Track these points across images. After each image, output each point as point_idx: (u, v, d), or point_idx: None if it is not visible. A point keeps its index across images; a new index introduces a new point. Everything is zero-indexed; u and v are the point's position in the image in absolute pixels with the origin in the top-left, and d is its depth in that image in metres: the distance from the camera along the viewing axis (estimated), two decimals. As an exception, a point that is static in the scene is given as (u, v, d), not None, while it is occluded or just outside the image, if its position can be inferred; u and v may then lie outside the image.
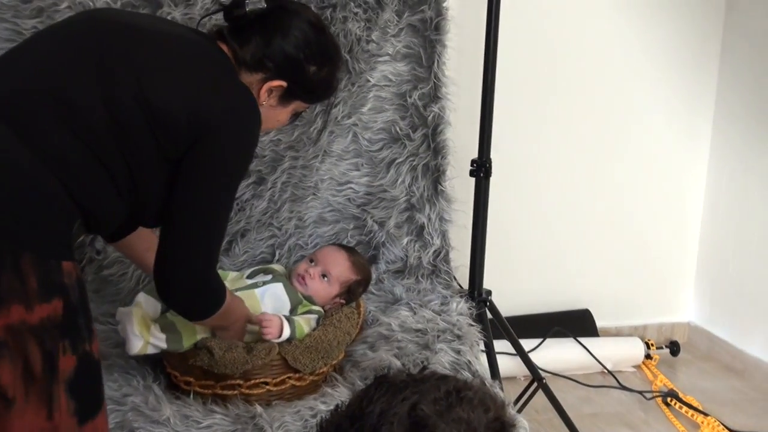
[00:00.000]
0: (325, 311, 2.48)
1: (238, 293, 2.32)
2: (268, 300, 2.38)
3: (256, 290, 2.38)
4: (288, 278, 2.51)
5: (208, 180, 1.93)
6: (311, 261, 2.56)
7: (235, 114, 1.93)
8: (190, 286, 2.01)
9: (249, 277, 2.52)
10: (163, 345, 2.24)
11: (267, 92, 2.05)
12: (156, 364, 2.42)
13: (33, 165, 1.74)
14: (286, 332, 2.28)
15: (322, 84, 2.14)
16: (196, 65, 1.95)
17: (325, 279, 2.51)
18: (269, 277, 2.46)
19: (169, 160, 1.90)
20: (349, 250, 2.66)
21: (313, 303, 2.46)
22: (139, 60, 1.87)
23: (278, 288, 2.41)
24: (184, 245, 1.96)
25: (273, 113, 2.11)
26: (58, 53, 1.87)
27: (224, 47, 2.02)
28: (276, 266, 2.61)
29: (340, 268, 2.55)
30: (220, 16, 2.14)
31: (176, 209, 1.94)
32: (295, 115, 2.21)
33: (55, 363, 1.72)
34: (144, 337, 2.23)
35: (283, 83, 2.05)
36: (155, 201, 1.94)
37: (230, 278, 2.47)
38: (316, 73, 2.09)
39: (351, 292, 2.57)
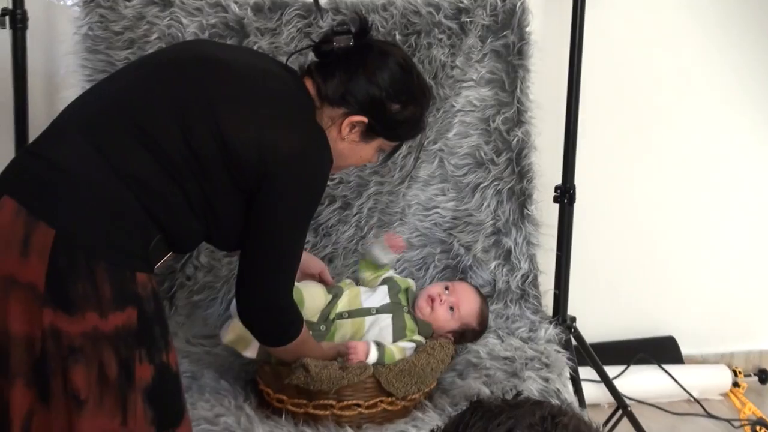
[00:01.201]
0: (427, 341, 2.46)
1: (350, 320, 2.38)
2: (374, 330, 2.41)
3: (366, 318, 2.41)
4: (407, 300, 2.52)
5: (276, 219, 1.98)
6: (446, 288, 2.57)
7: (305, 155, 1.96)
8: (264, 311, 2.10)
9: (382, 283, 2.55)
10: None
11: (349, 127, 2.07)
12: (247, 384, 2.45)
13: (110, 181, 1.81)
14: (373, 357, 2.30)
15: (405, 123, 2.14)
16: (274, 102, 1.99)
17: (452, 311, 2.52)
18: (386, 301, 2.46)
19: (243, 190, 1.95)
20: (483, 297, 2.66)
21: (419, 333, 2.46)
22: (217, 94, 1.92)
23: (386, 321, 2.42)
24: (255, 277, 2.04)
25: (355, 149, 2.13)
26: (143, 83, 1.94)
27: (309, 83, 2.07)
28: (406, 281, 2.62)
29: (470, 308, 2.56)
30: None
31: (249, 243, 2.02)
32: (387, 155, 2.25)
33: (131, 371, 1.78)
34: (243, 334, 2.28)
35: (364, 119, 2.06)
36: (230, 227, 2.00)
37: (347, 295, 2.50)
38: (399, 111, 2.09)
39: (462, 337, 2.57)
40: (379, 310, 2.43)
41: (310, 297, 2.40)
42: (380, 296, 2.44)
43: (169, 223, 1.88)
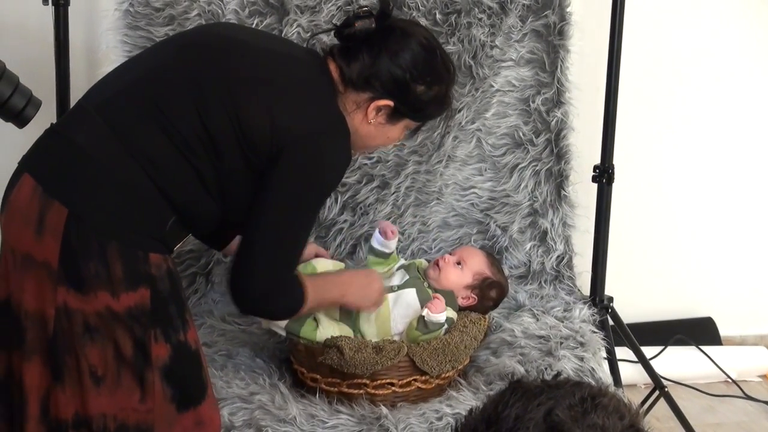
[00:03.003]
0: (460, 309, 2.46)
1: None
2: (399, 308, 2.38)
3: (389, 296, 2.40)
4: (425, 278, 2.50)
5: (281, 199, 1.96)
6: (450, 254, 2.56)
7: (314, 139, 1.96)
8: (256, 295, 2.04)
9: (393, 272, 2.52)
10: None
11: (375, 111, 2.06)
12: (282, 363, 2.47)
13: (125, 161, 1.84)
14: (443, 317, 2.32)
15: (431, 103, 2.12)
16: (293, 86, 1.99)
17: (459, 266, 2.50)
18: (405, 278, 2.44)
19: (256, 172, 1.95)
20: (489, 253, 2.65)
21: (447, 305, 2.43)
22: (236, 76, 1.94)
23: (410, 294, 2.39)
24: (250, 257, 1.99)
25: (382, 131, 2.12)
26: (162, 65, 1.97)
27: (332, 66, 2.05)
28: (419, 261, 2.61)
29: (477, 259, 2.53)
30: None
31: (248, 223, 1.98)
32: (412, 132, 2.25)
33: (147, 349, 1.81)
34: None
35: (390, 102, 2.05)
36: (243, 209, 1.99)
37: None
38: (425, 92, 2.08)
39: (483, 292, 2.53)
40: (401, 287, 2.41)
41: (323, 269, 2.41)
42: (399, 277, 2.42)
43: (184, 204, 1.89)
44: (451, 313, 2.41)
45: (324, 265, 2.43)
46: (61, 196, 1.78)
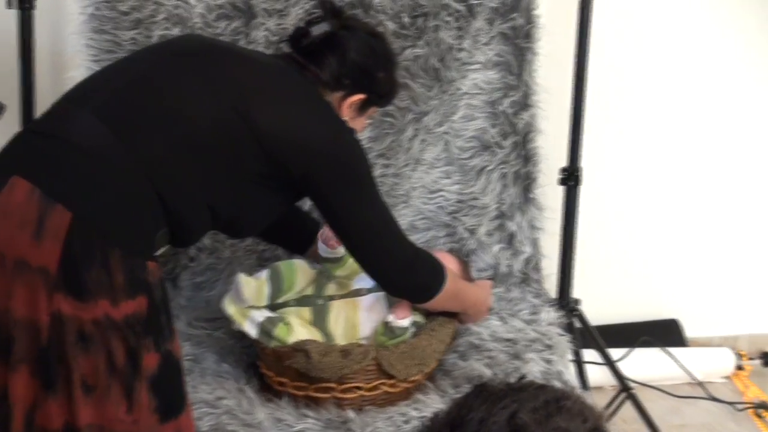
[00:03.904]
0: (428, 315, 2.47)
1: (342, 300, 2.37)
2: (368, 312, 2.40)
3: (358, 300, 2.40)
4: None
5: (353, 209, 2.13)
6: None
7: (337, 141, 2.08)
8: (403, 275, 2.24)
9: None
10: (260, 319, 2.30)
11: (348, 107, 2.16)
12: (249, 367, 2.46)
13: (128, 166, 1.81)
14: (407, 322, 2.35)
15: (391, 87, 2.29)
16: (297, 94, 2.06)
17: None
18: (373, 283, 2.44)
19: (265, 176, 1.99)
20: (463, 261, 2.68)
21: (417, 314, 2.45)
22: (243, 80, 1.98)
23: (380, 298, 2.41)
24: (376, 259, 2.20)
25: (354, 124, 2.21)
26: (169, 69, 1.98)
27: (308, 72, 2.13)
28: None
29: (449, 265, 2.50)
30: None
31: (347, 239, 2.18)
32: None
33: (139, 360, 1.78)
34: (254, 300, 2.30)
35: (362, 96, 2.16)
36: (249, 216, 2.03)
37: (336, 282, 2.48)
38: (386, 78, 2.25)
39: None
40: (371, 290, 2.42)
41: (301, 269, 2.42)
42: (368, 278, 2.43)
43: (179, 214, 1.89)
44: (419, 317, 2.42)
45: (303, 266, 2.43)
46: (64, 198, 1.73)
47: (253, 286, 2.30)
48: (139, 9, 2.64)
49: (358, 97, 2.17)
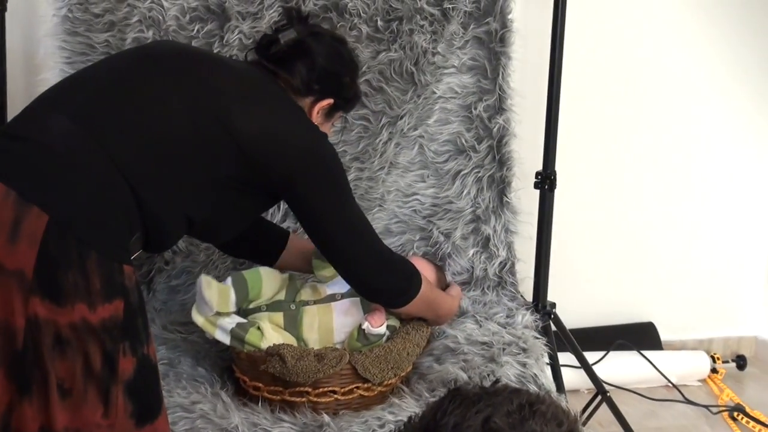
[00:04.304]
0: (402, 319, 2.46)
1: (316, 306, 2.36)
2: (343, 317, 2.39)
3: (333, 304, 2.39)
4: None
5: (327, 211, 2.13)
6: None
7: (314, 145, 2.09)
8: (378, 277, 2.25)
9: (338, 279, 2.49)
10: (231, 326, 2.28)
11: (317, 113, 2.19)
12: (224, 371, 2.45)
13: (108, 171, 1.81)
14: (383, 329, 2.34)
15: (356, 92, 2.33)
16: (274, 99, 2.08)
17: None
18: (348, 288, 2.42)
19: (242, 180, 1.99)
20: (438, 266, 2.68)
21: (391, 318, 2.44)
22: (221, 85, 2.00)
23: (354, 304, 2.40)
24: (350, 261, 2.21)
25: (322, 129, 2.21)
26: (145, 73, 1.98)
27: (280, 79, 2.15)
28: None
29: (424, 271, 2.50)
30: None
31: (321, 242, 2.19)
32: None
33: (115, 364, 1.77)
34: (218, 306, 2.28)
35: (331, 101, 2.19)
36: (224, 220, 2.03)
37: (309, 287, 2.47)
38: (350, 83, 2.28)
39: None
40: (344, 295, 2.41)
41: (267, 277, 2.40)
42: (343, 283, 2.41)
43: (156, 217, 1.88)
44: (394, 321, 2.41)
45: (269, 272, 2.41)
46: (40, 201, 1.71)
47: (216, 289, 2.28)
48: (113, 11, 2.64)
49: (327, 101, 2.19)
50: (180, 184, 1.90)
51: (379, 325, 2.32)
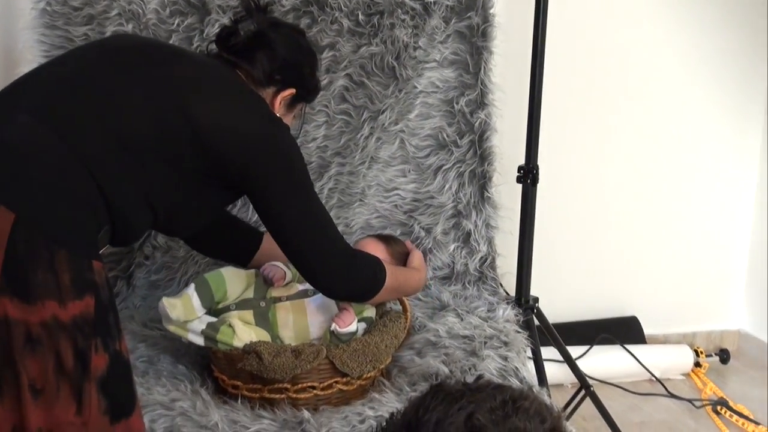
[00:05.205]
0: (378, 309, 2.45)
1: (289, 302, 2.35)
2: (317, 313, 2.37)
3: (306, 300, 2.37)
4: None
5: (286, 201, 2.07)
6: None
7: (271, 133, 2.05)
8: (341, 274, 2.18)
9: (301, 281, 2.48)
10: (201, 327, 2.27)
11: (280, 103, 2.18)
12: (203, 369, 2.43)
13: (70, 164, 1.79)
14: (353, 327, 2.31)
15: (317, 83, 2.31)
16: (229, 86, 2.06)
17: None
18: None
19: (204, 173, 1.97)
20: (387, 240, 2.59)
21: (366, 309, 2.43)
22: (181, 76, 1.98)
23: (328, 300, 2.37)
24: (311, 256, 2.13)
25: (285, 120, 2.20)
26: (103, 67, 1.95)
27: (240, 71, 2.14)
28: None
29: (378, 254, 2.44)
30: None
31: (278, 233, 2.11)
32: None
33: (87, 361, 1.75)
34: (185, 316, 2.26)
35: (293, 90, 2.19)
36: (184, 212, 2.01)
37: (284, 284, 2.45)
38: (311, 73, 2.27)
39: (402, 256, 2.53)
40: (316, 291, 2.37)
41: (231, 277, 2.38)
42: None
43: (121, 210, 1.86)
44: (370, 312, 2.40)
45: (232, 272, 2.40)
46: (5, 199, 1.69)
47: (179, 305, 2.27)
48: (92, 4, 2.63)
49: (288, 91, 2.18)
50: (143, 176, 1.88)
51: (347, 325, 2.30)
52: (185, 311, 2.26)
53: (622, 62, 3.42)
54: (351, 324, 2.31)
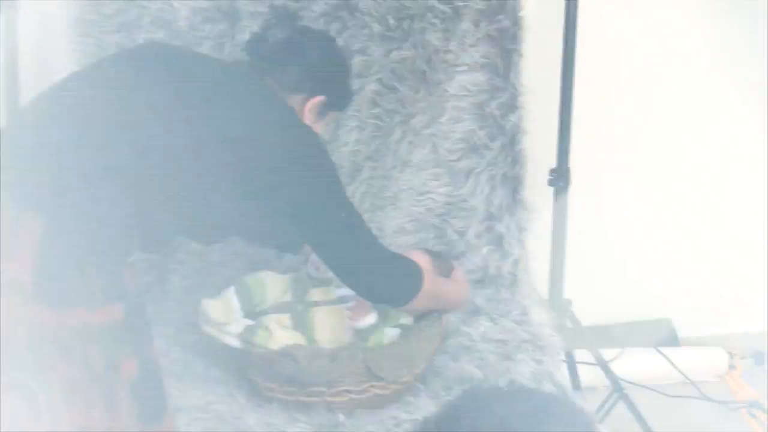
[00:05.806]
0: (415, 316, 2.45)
1: (328, 307, 2.35)
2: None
3: (344, 305, 2.38)
4: None
5: (319, 206, 2.08)
6: None
7: (308, 138, 2.08)
8: (377, 276, 2.19)
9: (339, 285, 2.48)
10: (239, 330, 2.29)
11: (309, 111, 2.18)
12: (238, 372, 2.44)
13: (103, 174, 1.82)
14: (371, 319, 2.32)
15: (348, 89, 2.35)
16: (257, 95, 2.08)
17: None
18: None
19: (239, 183, 1.98)
20: (433, 253, 2.62)
21: (402, 316, 2.43)
22: (209, 86, 2.00)
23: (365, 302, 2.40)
24: (347, 259, 2.15)
25: (315, 128, 2.19)
26: (127, 74, 1.96)
27: (266, 78, 2.14)
28: None
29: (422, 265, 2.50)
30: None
31: (312, 238, 2.14)
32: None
33: (118, 366, 1.77)
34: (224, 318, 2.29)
35: (322, 98, 2.18)
36: (216, 220, 2.04)
37: (319, 290, 2.46)
38: (340, 80, 2.30)
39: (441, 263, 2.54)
40: (356, 297, 2.40)
41: (270, 281, 2.39)
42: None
43: (152, 219, 1.88)
44: (405, 318, 2.41)
45: (272, 276, 2.41)
46: (35, 206, 1.73)
47: (219, 306, 2.29)
48: (124, 12, 2.63)
49: (318, 99, 2.18)
50: (174, 185, 1.90)
51: (363, 318, 2.30)
52: (224, 313, 2.29)
53: (655, 63, 3.40)
54: (367, 316, 2.31)
